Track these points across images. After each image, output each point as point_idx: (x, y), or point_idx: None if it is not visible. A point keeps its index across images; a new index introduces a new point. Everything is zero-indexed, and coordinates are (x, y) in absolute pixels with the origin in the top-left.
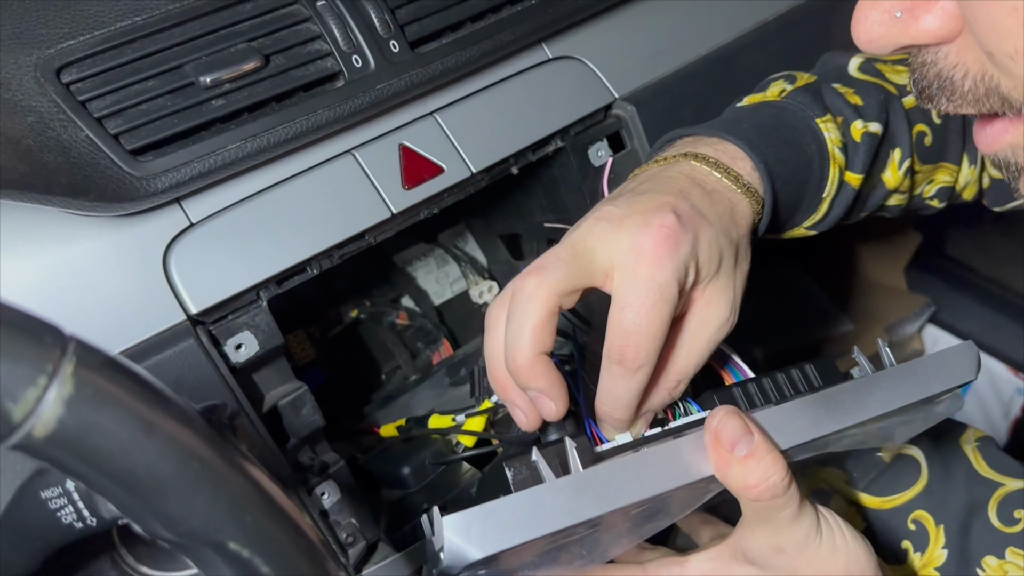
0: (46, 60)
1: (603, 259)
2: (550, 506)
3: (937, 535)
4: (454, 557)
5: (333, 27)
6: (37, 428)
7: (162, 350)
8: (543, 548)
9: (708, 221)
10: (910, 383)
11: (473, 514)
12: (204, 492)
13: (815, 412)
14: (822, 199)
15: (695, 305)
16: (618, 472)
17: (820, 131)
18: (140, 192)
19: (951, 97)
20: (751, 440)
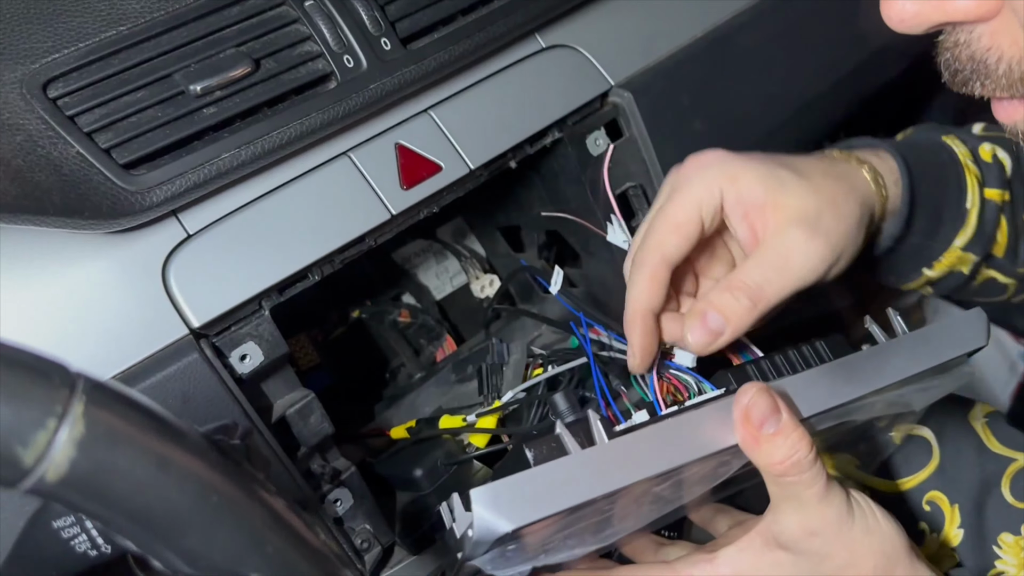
0: (31, 75)
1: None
2: (577, 476)
3: (952, 514)
4: (484, 531)
5: (323, 27)
6: (50, 472)
7: (167, 366)
8: (568, 523)
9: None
10: (924, 350)
11: (501, 486)
12: (224, 525)
13: (833, 380)
14: (967, 209)
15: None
16: (644, 442)
17: (948, 145)
18: (135, 207)
19: (984, 81)
20: (779, 418)
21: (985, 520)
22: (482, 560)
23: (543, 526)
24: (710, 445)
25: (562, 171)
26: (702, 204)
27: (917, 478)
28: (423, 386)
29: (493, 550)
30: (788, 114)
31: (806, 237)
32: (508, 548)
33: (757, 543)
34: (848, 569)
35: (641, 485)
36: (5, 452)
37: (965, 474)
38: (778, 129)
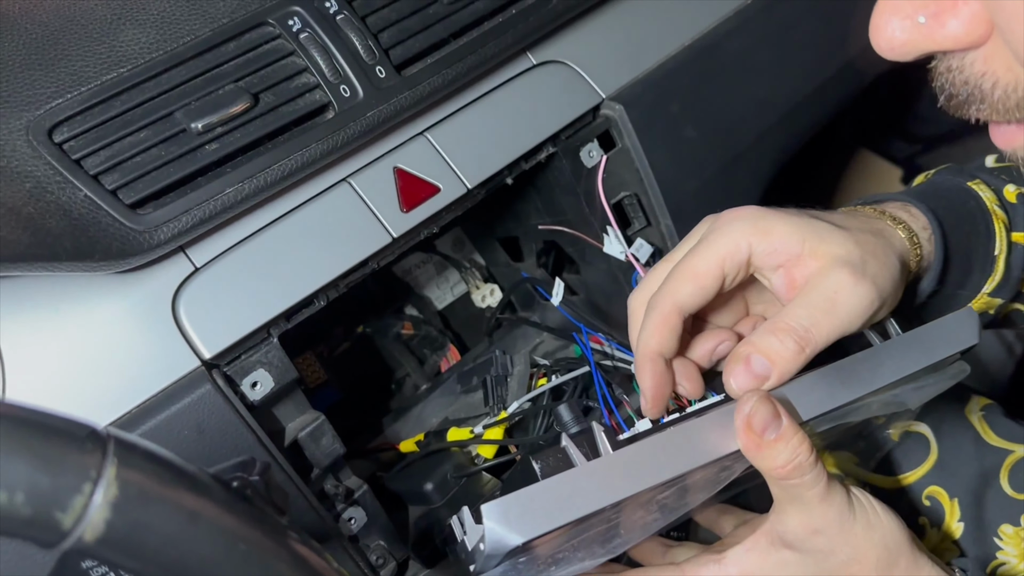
0: (36, 122)
1: None
2: (585, 488)
3: (952, 508)
4: (495, 545)
5: (318, 59)
6: (87, 533)
7: (181, 398)
8: (577, 533)
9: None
10: (917, 350)
11: (510, 500)
12: (252, 572)
13: (830, 383)
14: (995, 256)
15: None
16: (648, 450)
17: (973, 190)
18: (144, 245)
19: (980, 106)
20: (780, 424)
21: (985, 512)
22: (493, 574)
23: (553, 537)
24: (713, 452)
25: (557, 184)
26: (726, 258)
27: (916, 474)
28: (429, 397)
29: (504, 563)
30: (777, 116)
31: (854, 280)
32: (519, 561)
33: (763, 543)
34: (852, 565)
35: (646, 493)
36: (46, 518)
37: (963, 468)
38: (768, 132)
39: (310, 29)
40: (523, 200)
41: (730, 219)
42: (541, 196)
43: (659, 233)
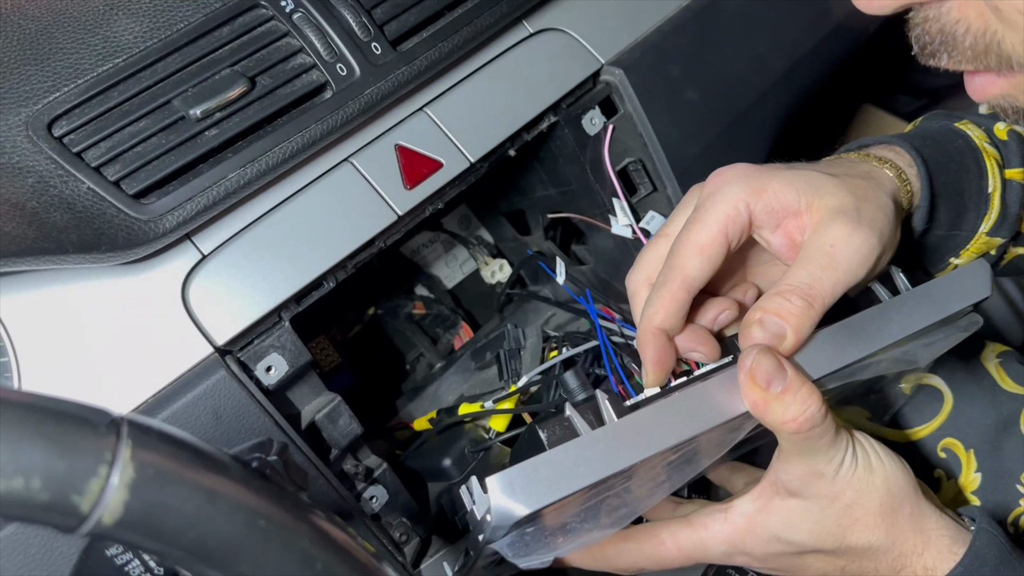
0: (35, 116)
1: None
2: (589, 457)
3: (968, 460)
4: (502, 517)
5: (313, 38)
6: (105, 516)
7: (196, 385)
8: (583, 503)
9: (793, 168)
10: (927, 305)
11: (515, 472)
12: (274, 548)
13: (839, 341)
14: (989, 194)
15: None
16: (653, 417)
17: (961, 130)
18: (149, 235)
19: (951, 53)
20: (785, 376)
21: (1003, 462)
22: (501, 544)
23: (559, 507)
24: (719, 414)
25: (560, 153)
26: (728, 224)
27: (930, 426)
28: (444, 375)
29: (512, 533)
30: (779, 74)
31: (850, 229)
32: (526, 531)
33: (768, 492)
34: (855, 508)
35: (653, 459)
36: (63, 502)
37: (980, 418)
38: (770, 90)
39: (303, 9)
40: (527, 172)
41: (722, 183)
42: (545, 167)
43: (665, 198)
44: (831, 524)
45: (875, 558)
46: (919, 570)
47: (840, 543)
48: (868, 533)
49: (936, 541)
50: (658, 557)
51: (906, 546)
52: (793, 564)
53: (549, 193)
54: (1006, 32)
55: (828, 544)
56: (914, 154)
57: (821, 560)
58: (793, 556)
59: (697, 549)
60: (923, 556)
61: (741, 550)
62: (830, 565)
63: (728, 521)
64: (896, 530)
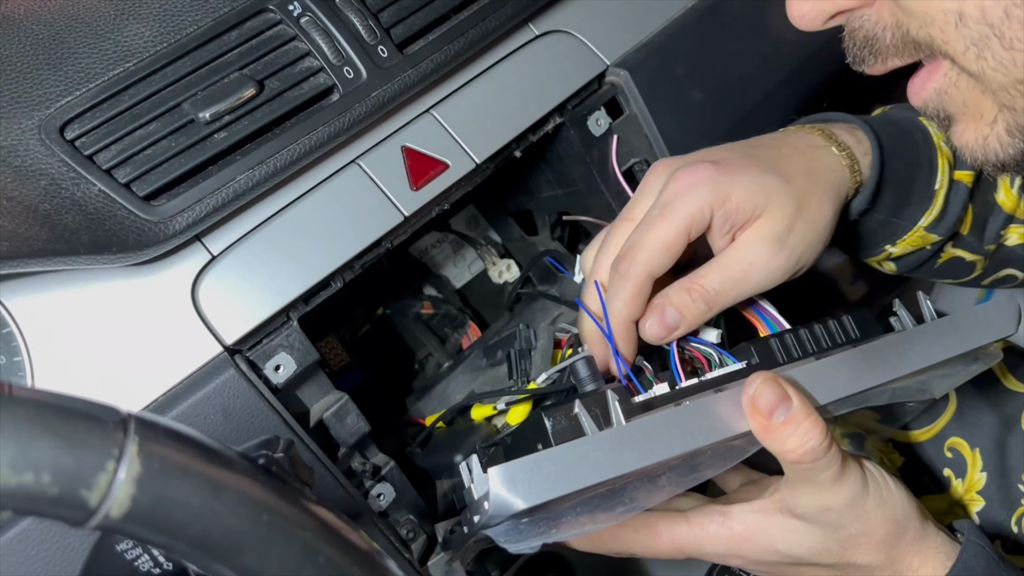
0: (47, 120)
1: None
2: (593, 458)
3: (974, 459)
4: (499, 508)
5: (320, 42)
6: (113, 509)
7: (205, 384)
8: (581, 499)
9: (756, 166)
10: (951, 337)
11: (517, 466)
12: (278, 542)
13: (856, 367)
14: (935, 191)
15: (734, 242)
16: (660, 425)
17: (923, 125)
18: (159, 236)
19: (877, 52)
20: (789, 406)
21: (1007, 460)
22: (495, 531)
23: (557, 502)
24: (726, 430)
25: (566, 154)
26: (692, 225)
27: (936, 426)
28: (452, 374)
29: (507, 522)
30: (785, 74)
31: (772, 253)
32: (522, 521)
33: (771, 508)
34: (860, 538)
35: (657, 465)
36: (72, 496)
37: (984, 416)
38: (776, 90)
39: (310, 13)
40: (533, 173)
41: (692, 184)
42: (551, 168)
43: None
44: (832, 545)
45: (871, 573)
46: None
47: (839, 560)
48: (869, 555)
49: (932, 558)
50: (652, 547)
51: (903, 564)
52: (787, 572)
53: (556, 194)
54: (909, 21)
55: (827, 560)
56: (873, 141)
57: (815, 570)
58: (788, 566)
59: (691, 546)
60: (918, 572)
61: (736, 554)
62: (825, 573)
63: (726, 525)
64: (896, 552)
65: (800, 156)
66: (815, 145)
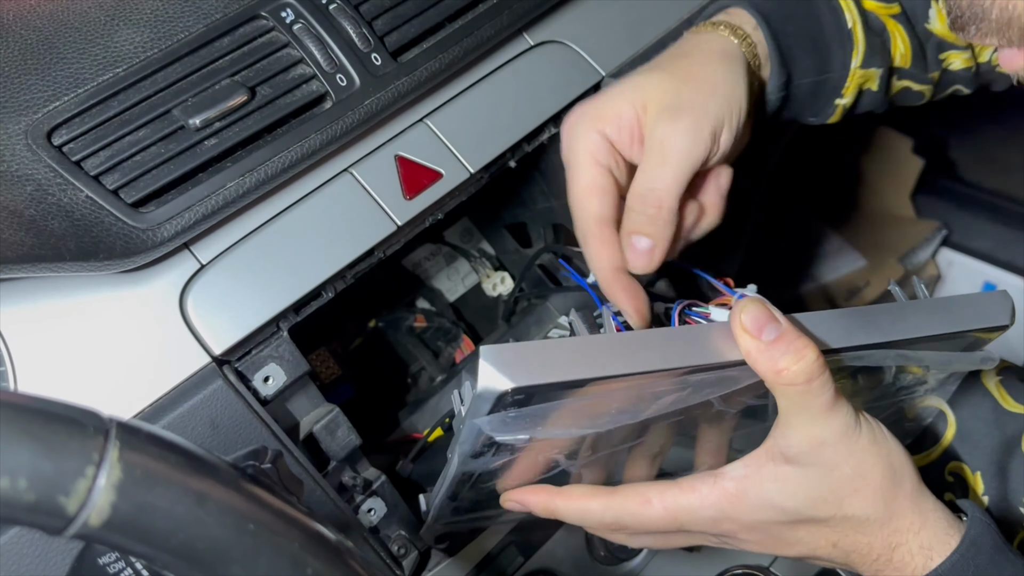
0: (35, 125)
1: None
2: (582, 355)
3: (976, 482)
4: (486, 387)
5: (313, 49)
6: (92, 517)
7: (193, 395)
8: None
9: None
10: (943, 315)
11: (508, 347)
12: (264, 553)
13: (849, 324)
14: (850, 29)
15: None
16: (652, 339)
17: None
18: (147, 243)
19: (979, 25)
20: (777, 326)
21: (1009, 483)
22: (482, 420)
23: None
24: (718, 355)
25: (561, 165)
26: (594, 156)
27: (936, 451)
28: (445, 388)
29: (495, 413)
30: None
31: (670, 121)
32: (509, 415)
33: (763, 458)
34: (856, 480)
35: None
36: (49, 503)
37: (984, 440)
38: None
39: (303, 20)
40: (528, 184)
41: (570, 128)
42: (546, 179)
43: None
44: (828, 492)
45: (870, 531)
46: (915, 548)
47: (836, 512)
48: (866, 505)
49: (934, 523)
50: (643, 516)
51: (903, 522)
52: (782, 535)
53: (550, 205)
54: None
55: (823, 512)
56: (752, 11)
57: (813, 532)
58: (783, 526)
59: (683, 512)
60: (920, 535)
61: (729, 516)
62: (822, 539)
63: (717, 485)
64: (895, 505)
65: (671, 49)
66: (687, 38)
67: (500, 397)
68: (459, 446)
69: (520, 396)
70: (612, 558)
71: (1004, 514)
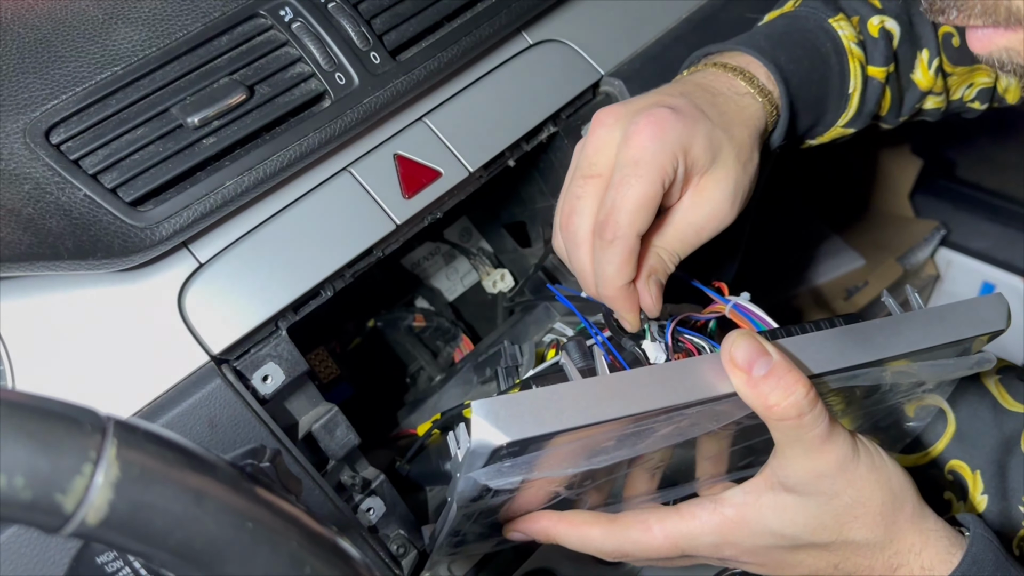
0: (33, 124)
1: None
2: (574, 402)
3: (975, 481)
4: (480, 442)
5: (312, 48)
6: (90, 515)
7: (191, 394)
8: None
9: (706, 117)
10: (939, 326)
11: (499, 401)
12: (262, 551)
13: (842, 343)
14: (849, 94)
15: (687, 193)
16: (642, 378)
17: (833, 29)
18: (146, 242)
19: (961, 7)
20: (768, 360)
21: (1008, 482)
22: (478, 473)
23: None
24: (710, 389)
25: (560, 164)
26: (665, 178)
27: (936, 449)
28: (444, 388)
29: (490, 465)
30: None
31: (728, 207)
32: (504, 465)
33: (762, 487)
34: (856, 507)
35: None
36: (46, 500)
37: (983, 438)
38: None
39: (302, 18)
40: (527, 183)
41: (658, 135)
42: (545, 178)
43: None
44: (828, 519)
45: (871, 554)
46: (916, 569)
47: (836, 537)
48: (866, 530)
49: (935, 542)
50: (644, 543)
51: (904, 544)
52: (783, 559)
53: (549, 204)
54: None
55: (823, 538)
56: (782, 87)
57: (813, 556)
58: (784, 551)
59: (684, 538)
60: (921, 555)
61: (729, 541)
62: (822, 561)
63: (717, 512)
64: (896, 528)
65: (733, 106)
66: (740, 92)
67: (495, 451)
68: (457, 495)
69: (515, 448)
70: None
71: (1003, 513)
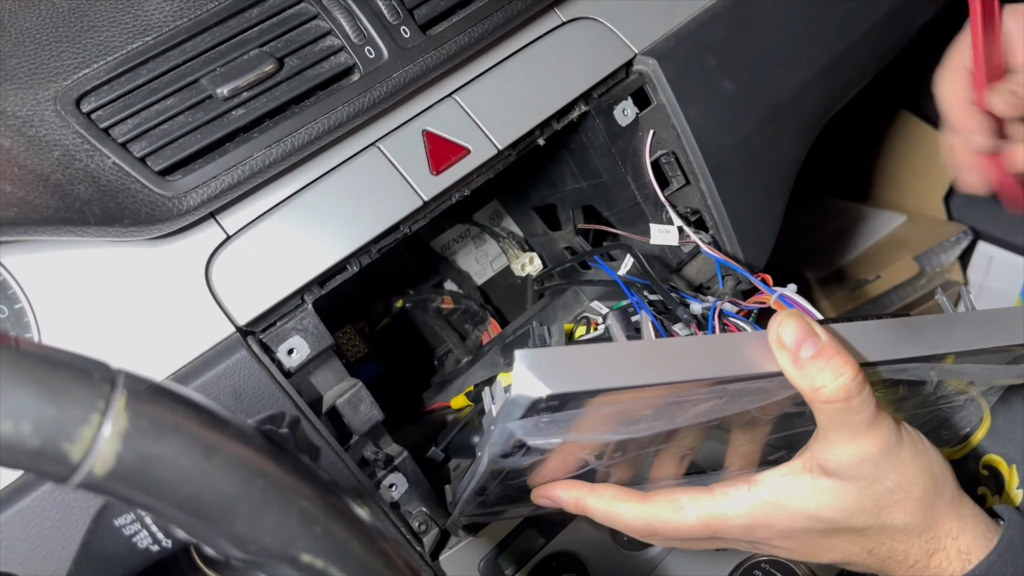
0: (64, 92)
1: None
2: (617, 362)
3: (1011, 475)
4: (521, 392)
5: (342, 21)
6: (97, 466)
7: (216, 364)
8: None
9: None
10: (992, 328)
11: (545, 352)
12: (272, 509)
13: (895, 335)
14: None
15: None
16: (689, 347)
17: None
18: (173, 212)
19: None
20: (817, 341)
21: None
22: (515, 425)
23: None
24: (756, 366)
25: (591, 144)
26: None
27: (971, 443)
28: (471, 369)
29: (527, 418)
30: (819, 67)
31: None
32: (542, 420)
33: (800, 468)
34: (896, 492)
35: (682, 390)
36: (54, 449)
37: (1019, 431)
38: (810, 83)
39: None
40: (557, 164)
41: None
42: (575, 159)
43: (698, 192)
44: (868, 504)
45: (908, 539)
46: (952, 553)
47: (873, 522)
48: (906, 515)
49: (972, 527)
50: (675, 523)
51: (942, 529)
52: (816, 544)
53: (580, 186)
54: None
55: (860, 522)
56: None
57: (848, 540)
58: (818, 534)
59: (717, 519)
60: (958, 540)
61: (763, 523)
62: (857, 547)
63: (752, 493)
64: (935, 513)
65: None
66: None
67: (534, 403)
68: (489, 447)
69: (555, 403)
70: (635, 543)
71: None
